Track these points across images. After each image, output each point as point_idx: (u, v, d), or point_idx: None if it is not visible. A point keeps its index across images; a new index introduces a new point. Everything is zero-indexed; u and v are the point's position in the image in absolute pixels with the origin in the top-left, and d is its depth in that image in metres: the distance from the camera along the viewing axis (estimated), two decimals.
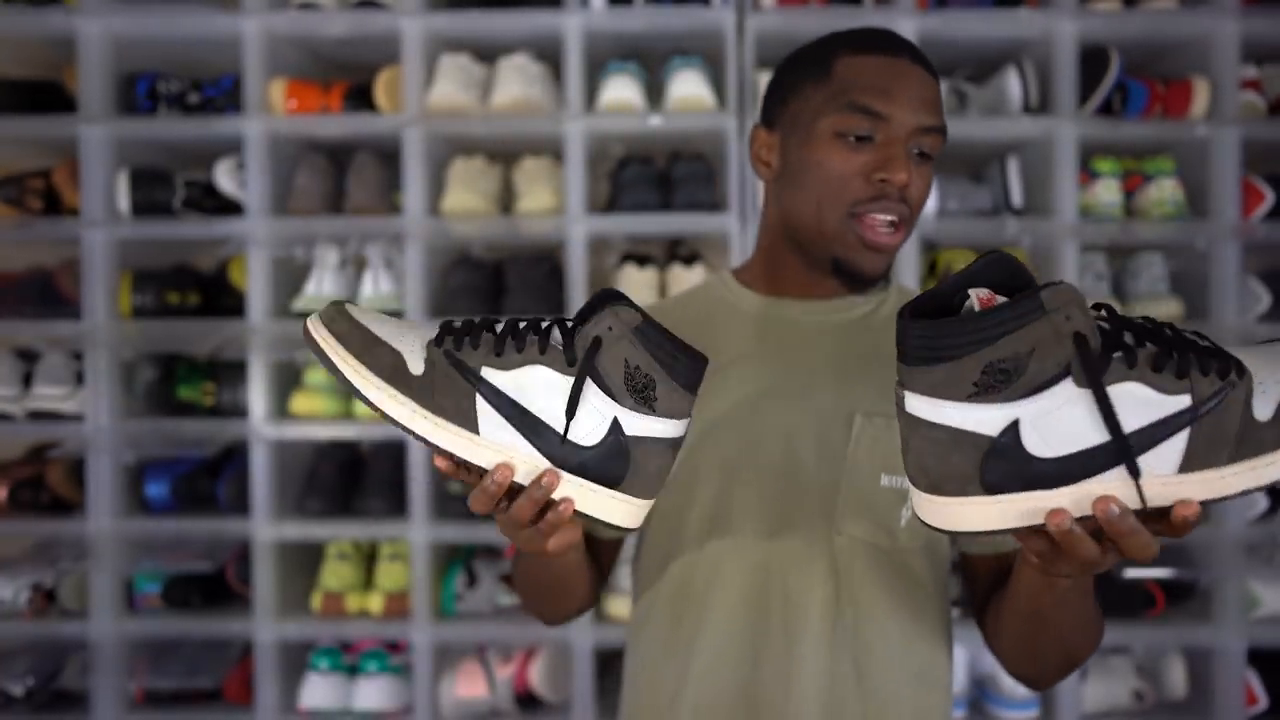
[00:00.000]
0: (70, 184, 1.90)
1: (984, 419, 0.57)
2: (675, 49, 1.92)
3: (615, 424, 0.64)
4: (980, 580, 0.87)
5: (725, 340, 0.89)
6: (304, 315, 1.87)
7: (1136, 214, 1.88)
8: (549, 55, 1.90)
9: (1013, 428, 0.56)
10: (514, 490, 0.64)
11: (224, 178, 1.92)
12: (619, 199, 1.88)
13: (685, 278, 1.88)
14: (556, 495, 0.63)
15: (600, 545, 0.96)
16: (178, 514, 1.93)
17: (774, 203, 0.91)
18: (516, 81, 1.84)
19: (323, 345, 0.64)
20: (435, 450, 0.63)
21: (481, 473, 0.64)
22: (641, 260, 1.91)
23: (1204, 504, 0.57)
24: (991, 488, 0.57)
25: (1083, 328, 0.56)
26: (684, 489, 0.87)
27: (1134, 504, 0.56)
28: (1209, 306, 1.83)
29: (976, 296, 0.59)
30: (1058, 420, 0.56)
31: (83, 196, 1.85)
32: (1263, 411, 0.56)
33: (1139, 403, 0.56)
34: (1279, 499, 1.83)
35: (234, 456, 1.96)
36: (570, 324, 0.65)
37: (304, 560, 1.96)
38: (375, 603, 1.86)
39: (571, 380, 0.63)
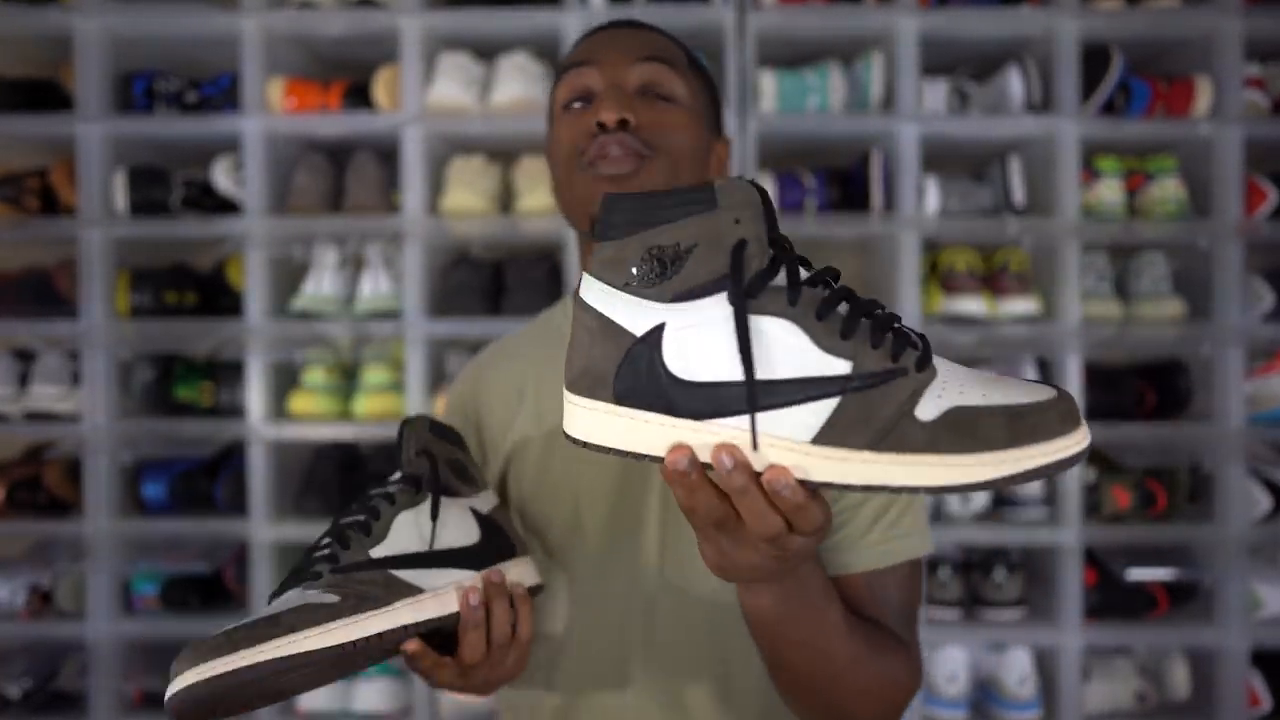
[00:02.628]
0: (67, 183, 1.89)
1: (633, 314, 0.50)
2: None
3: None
4: None
5: (552, 370, 0.80)
6: (303, 315, 1.87)
7: (1139, 213, 1.87)
8: (549, 54, 1.89)
9: (656, 332, 0.50)
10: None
11: (222, 177, 1.91)
12: None
13: None
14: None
15: None
16: (175, 514, 1.92)
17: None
18: (516, 80, 1.84)
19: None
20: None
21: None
22: None
23: (821, 487, 0.49)
24: (620, 396, 0.50)
25: (750, 236, 0.49)
26: (543, 515, 0.85)
27: (757, 464, 0.49)
28: (1212, 306, 1.82)
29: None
30: (700, 337, 0.49)
31: (80, 195, 1.85)
32: (926, 412, 0.48)
33: (790, 349, 0.49)
34: None
35: (232, 457, 1.95)
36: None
37: None
38: None
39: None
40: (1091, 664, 1.85)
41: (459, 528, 0.71)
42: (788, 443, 0.49)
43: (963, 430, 0.48)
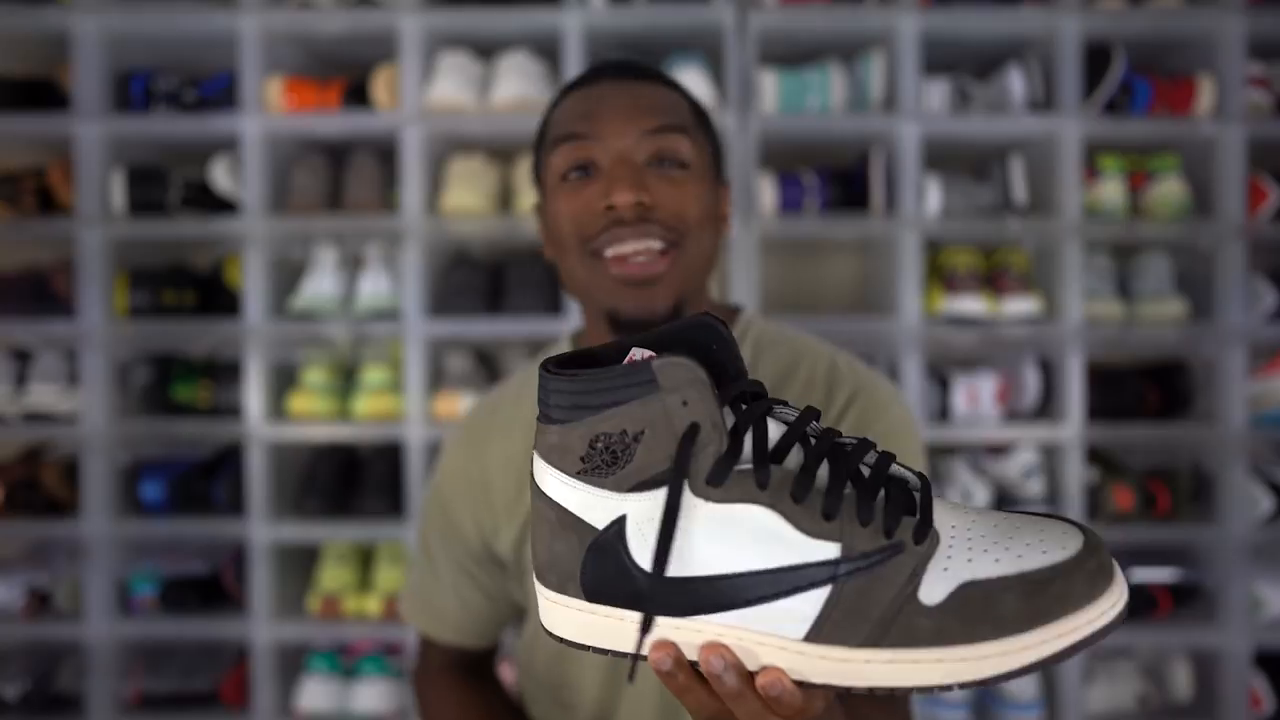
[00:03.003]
0: (65, 182, 1.89)
1: (590, 506, 0.46)
2: (675, 46, 1.91)
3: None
4: None
5: None
6: (302, 315, 1.86)
7: (1141, 213, 1.86)
8: (548, 53, 1.89)
9: (618, 525, 0.46)
10: None
11: (220, 176, 1.90)
12: None
13: None
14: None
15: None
16: (173, 515, 1.91)
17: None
18: (516, 79, 1.83)
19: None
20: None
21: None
22: None
23: (822, 687, 0.45)
24: (590, 594, 0.47)
25: (702, 418, 0.45)
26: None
27: (750, 664, 0.45)
28: (1214, 306, 1.82)
29: (631, 358, 0.49)
30: (649, 527, 0.45)
31: (77, 195, 1.84)
32: (932, 594, 0.43)
33: (770, 536, 0.44)
34: None
35: (230, 457, 1.95)
36: None
37: (301, 562, 1.94)
38: (373, 604, 1.84)
39: None
40: (1093, 665, 1.85)
41: None
42: (780, 640, 0.44)
43: (975, 614, 0.42)
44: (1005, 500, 1.86)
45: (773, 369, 0.79)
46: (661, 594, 0.45)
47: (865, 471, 0.46)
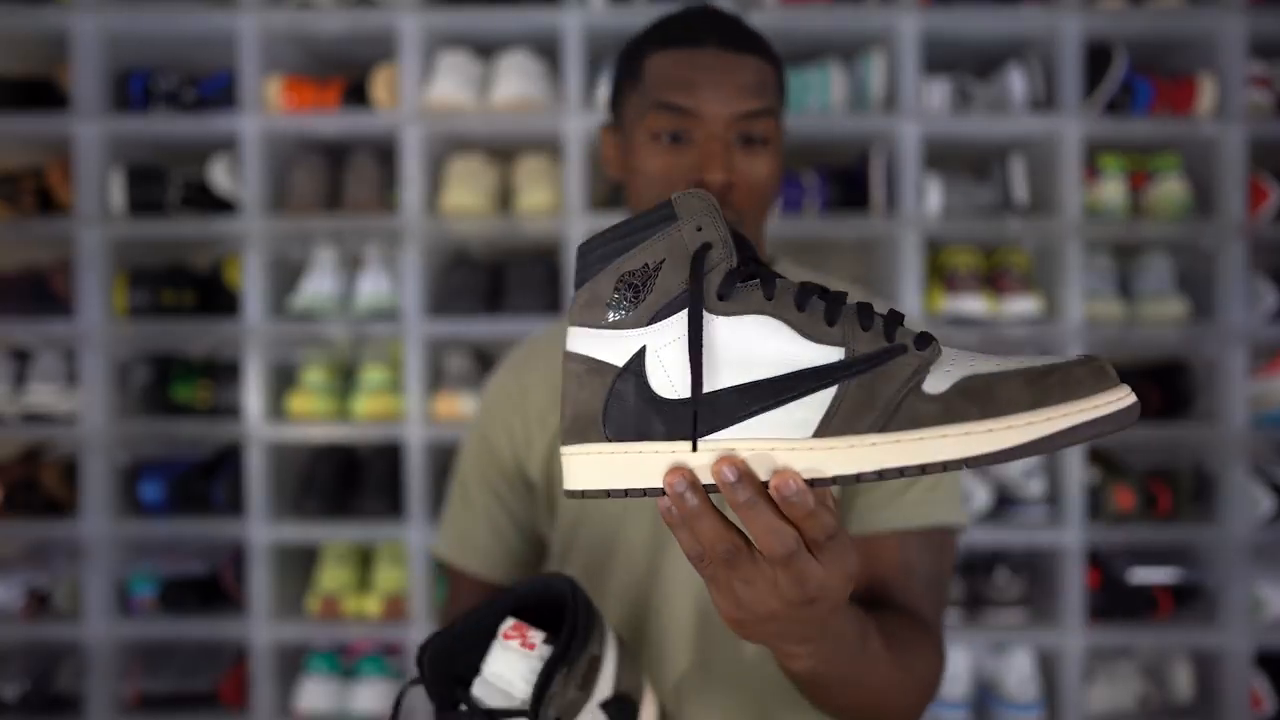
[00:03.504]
0: (64, 182, 1.89)
1: (614, 347, 0.48)
2: None
3: None
4: None
5: None
6: (301, 315, 1.86)
7: (1141, 212, 1.86)
8: (548, 52, 1.89)
9: (639, 358, 0.48)
10: None
11: (220, 176, 1.90)
12: (619, 196, 1.87)
13: None
14: None
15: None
16: (173, 516, 1.91)
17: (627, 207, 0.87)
18: (515, 79, 1.83)
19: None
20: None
21: None
22: None
23: (832, 483, 0.46)
24: (611, 434, 0.48)
25: (714, 239, 0.48)
26: (564, 561, 0.86)
27: (761, 473, 0.46)
28: (1215, 306, 1.82)
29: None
30: (681, 351, 0.47)
31: (76, 195, 1.84)
32: (935, 385, 0.45)
33: (775, 345, 0.46)
34: None
35: (230, 458, 1.94)
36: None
37: (300, 562, 1.94)
38: (372, 605, 1.84)
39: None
40: (1094, 665, 1.85)
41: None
42: (789, 443, 0.46)
43: (979, 397, 0.44)
44: (1005, 501, 1.86)
45: None
46: (672, 419, 0.47)
47: (833, 293, 0.50)
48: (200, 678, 1.87)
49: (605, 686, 0.61)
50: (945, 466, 0.44)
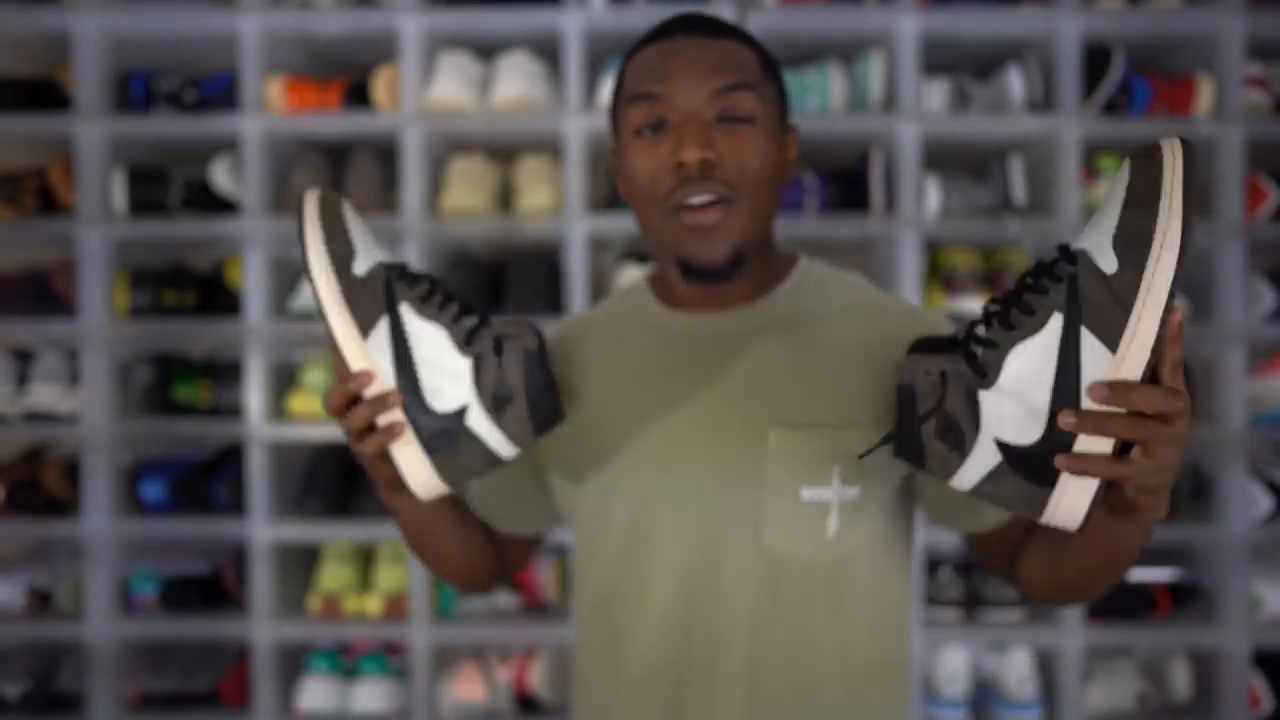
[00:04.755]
0: (66, 183, 1.89)
1: (983, 460, 0.65)
2: None
3: (462, 410, 0.73)
4: (990, 550, 0.88)
5: (637, 357, 0.88)
6: (302, 315, 1.86)
7: None
8: (549, 53, 1.89)
9: (1000, 445, 0.64)
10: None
11: (221, 176, 1.91)
12: (619, 197, 1.87)
13: None
14: (385, 419, 0.72)
15: (502, 537, 0.98)
16: (174, 515, 1.91)
17: None
18: (516, 79, 1.83)
19: (306, 215, 0.72)
20: (330, 336, 0.72)
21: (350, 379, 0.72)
22: (642, 259, 1.90)
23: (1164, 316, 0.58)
24: (1043, 483, 0.63)
25: (943, 367, 0.65)
26: (602, 515, 0.86)
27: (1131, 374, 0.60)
28: (1213, 305, 1.82)
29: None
30: (1010, 418, 0.63)
31: (78, 195, 1.84)
32: (1107, 263, 0.59)
33: (1033, 356, 0.61)
34: None
35: (231, 457, 1.95)
36: (488, 317, 0.75)
37: (302, 562, 1.94)
38: (373, 604, 1.85)
39: (461, 358, 0.73)
40: (1093, 665, 1.85)
41: (445, 393, 0.75)
42: (1112, 369, 0.60)
43: (1131, 241, 0.58)
44: None
45: (840, 302, 0.88)
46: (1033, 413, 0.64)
47: (1000, 298, 0.66)
48: (202, 677, 1.88)
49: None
50: (1180, 241, 0.57)
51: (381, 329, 0.72)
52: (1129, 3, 1.83)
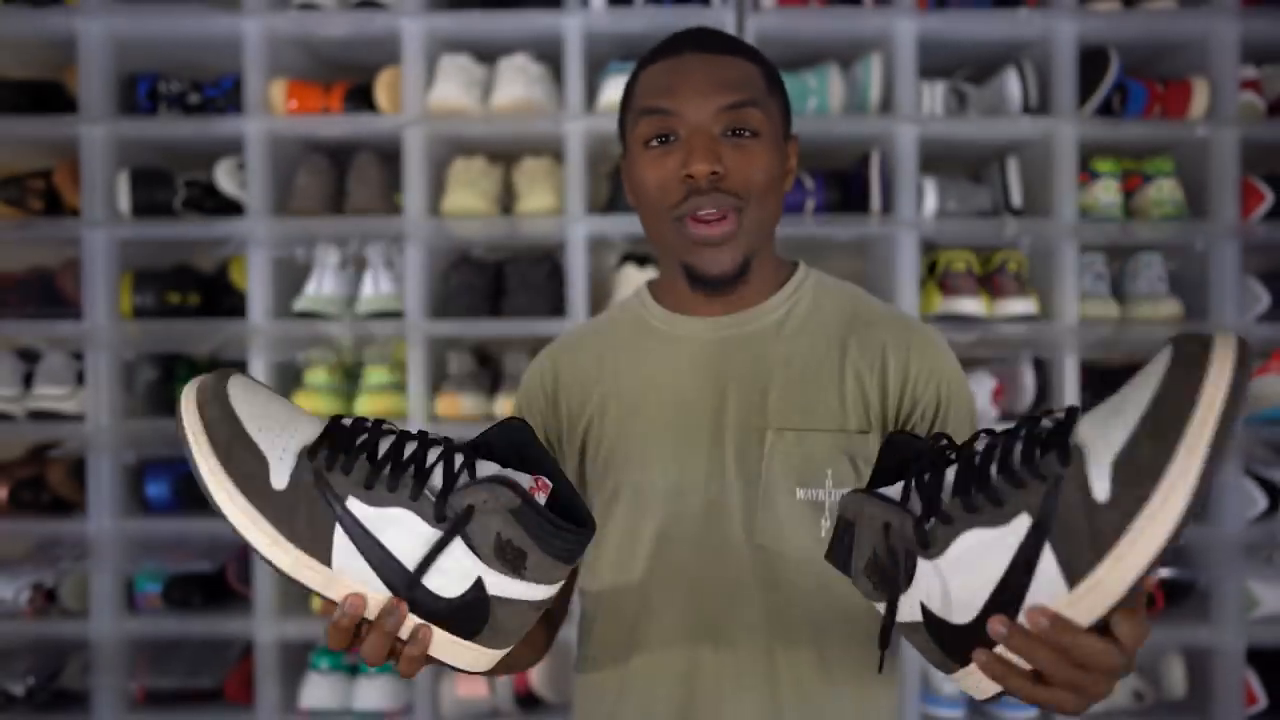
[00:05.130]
0: (71, 184, 1.90)
1: (906, 611, 0.60)
2: None
3: (479, 582, 0.61)
4: None
5: (639, 360, 0.90)
6: (305, 316, 1.88)
7: (1136, 214, 1.88)
8: (549, 56, 1.90)
9: (924, 610, 0.59)
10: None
11: (224, 178, 1.92)
12: (619, 199, 1.89)
13: None
14: (405, 631, 0.62)
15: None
16: (178, 514, 1.93)
17: None
18: (517, 82, 1.85)
19: (187, 431, 0.59)
20: (283, 575, 0.61)
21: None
22: (641, 260, 1.91)
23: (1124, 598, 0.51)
24: (956, 658, 0.59)
25: (888, 519, 0.59)
26: (604, 515, 0.87)
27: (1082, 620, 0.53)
28: (1208, 307, 1.83)
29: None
30: (940, 594, 0.58)
31: (83, 197, 1.86)
32: (1100, 487, 0.50)
33: (985, 548, 0.54)
34: (1277, 499, 1.83)
35: None
36: (455, 471, 0.61)
37: None
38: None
39: (437, 534, 0.60)
40: None
41: (448, 575, 0.62)
42: (1062, 602, 0.53)
43: (1135, 479, 0.49)
44: None
45: (838, 310, 0.89)
46: (958, 631, 0.59)
47: (976, 461, 0.57)
48: (205, 675, 1.89)
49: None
50: (1176, 531, 0.48)
51: (340, 541, 0.60)
52: (1125, 5, 1.84)
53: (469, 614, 0.62)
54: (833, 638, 0.84)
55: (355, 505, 0.59)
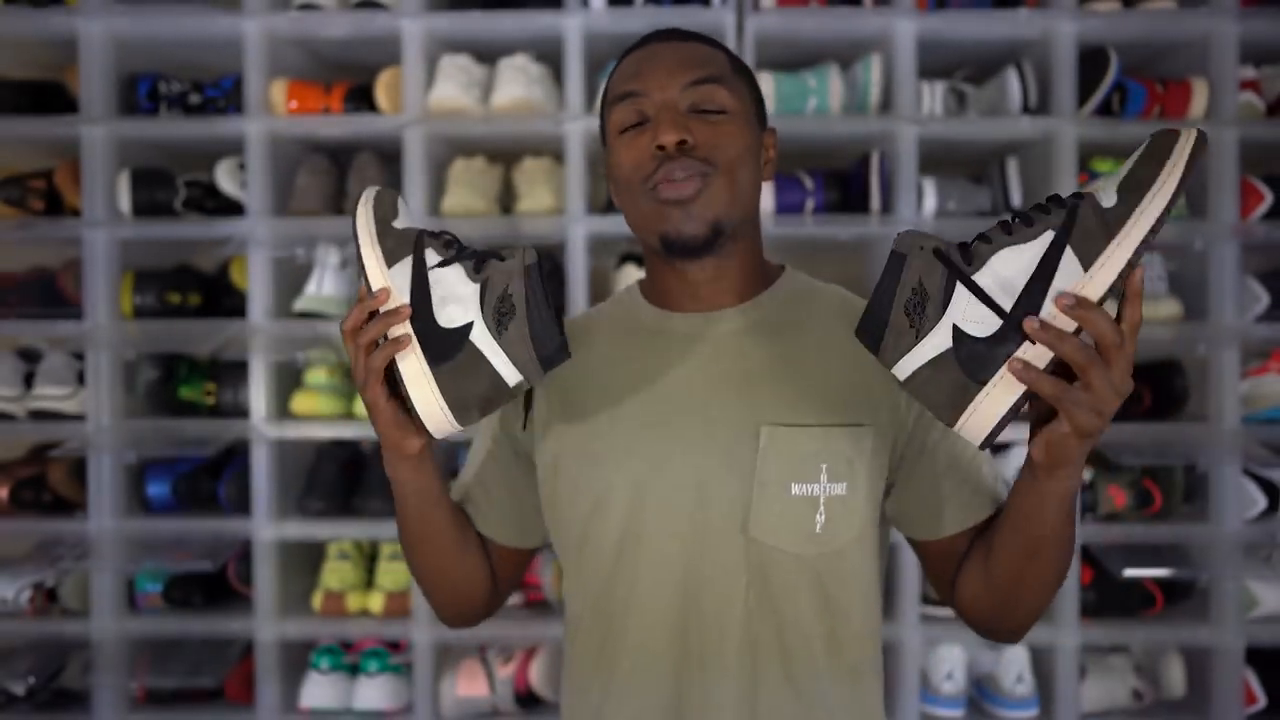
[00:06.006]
0: (72, 184, 1.91)
1: (935, 343, 0.70)
2: None
3: (468, 325, 0.77)
4: (939, 562, 0.91)
5: (631, 356, 0.90)
6: (305, 315, 1.88)
7: None
8: (549, 56, 1.91)
9: (956, 331, 0.69)
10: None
11: (225, 178, 1.92)
12: None
13: None
14: (398, 330, 0.77)
15: (497, 551, 0.98)
16: (179, 514, 1.93)
17: None
18: (517, 82, 1.85)
19: (363, 198, 0.83)
20: (359, 259, 0.80)
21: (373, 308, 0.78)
22: (641, 260, 1.91)
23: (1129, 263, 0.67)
24: (979, 378, 0.69)
25: (938, 244, 0.71)
26: (596, 511, 0.87)
27: (1093, 294, 0.67)
28: (1207, 307, 1.83)
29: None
30: (975, 309, 0.69)
31: (84, 197, 1.86)
32: (1108, 200, 0.68)
33: (1017, 255, 0.69)
34: (1276, 499, 1.83)
35: (235, 456, 1.97)
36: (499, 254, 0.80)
37: (305, 560, 1.96)
38: (376, 602, 1.86)
39: (470, 284, 0.78)
40: (1088, 662, 1.87)
41: (451, 311, 0.79)
42: (1081, 284, 0.68)
43: (1133, 186, 0.67)
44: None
45: (827, 307, 0.92)
46: (996, 343, 0.69)
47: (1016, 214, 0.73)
48: (206, 674, 1.89)
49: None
50: (1166, 209, 0.66)
51: (405, 263, 0.79)
52: (1124, 6, 1.85)
53: (446, 343, 0.77)
54: (824, 633, 0.84)
55: (429, 254, 0.80)
